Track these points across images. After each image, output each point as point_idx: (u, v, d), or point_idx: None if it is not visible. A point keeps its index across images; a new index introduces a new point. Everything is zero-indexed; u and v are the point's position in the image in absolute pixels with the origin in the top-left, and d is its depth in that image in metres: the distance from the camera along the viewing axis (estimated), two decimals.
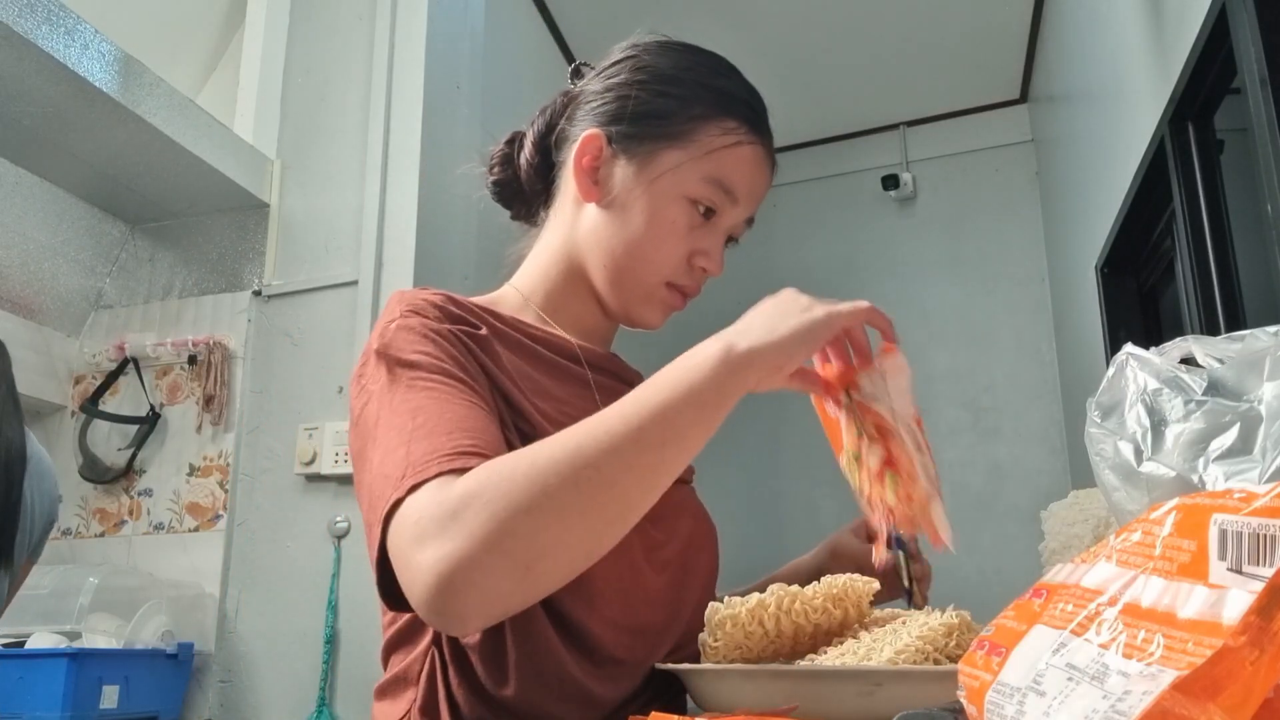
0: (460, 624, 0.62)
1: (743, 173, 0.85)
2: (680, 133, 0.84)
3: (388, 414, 0.70)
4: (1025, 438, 3.60)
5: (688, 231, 0.84)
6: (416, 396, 0.69)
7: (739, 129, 0.85)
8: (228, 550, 2.16)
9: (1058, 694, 0.36)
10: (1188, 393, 0.48)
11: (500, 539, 0.58)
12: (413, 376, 0.71)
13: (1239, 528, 0.35)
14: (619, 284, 0.86)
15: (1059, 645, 0.38)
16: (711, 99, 0.85)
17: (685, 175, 0.83)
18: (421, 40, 2.33)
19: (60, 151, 2.13)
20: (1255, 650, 0.31)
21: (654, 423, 0.62)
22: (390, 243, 2.20)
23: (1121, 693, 0.34)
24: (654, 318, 0.89)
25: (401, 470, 0.64)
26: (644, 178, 0.84)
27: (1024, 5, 3.28)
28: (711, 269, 0.87)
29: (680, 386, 0.64)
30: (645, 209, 0.83)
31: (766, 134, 0.88)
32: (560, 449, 0.61)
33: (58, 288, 2.34)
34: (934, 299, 3.83)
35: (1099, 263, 2.59)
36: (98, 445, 2.31)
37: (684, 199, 0.83)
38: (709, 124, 0.84)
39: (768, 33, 3.35)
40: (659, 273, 0.85)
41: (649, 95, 0.85)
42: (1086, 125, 2.78)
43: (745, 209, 0.87)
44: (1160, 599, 0.36)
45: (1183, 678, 0.32)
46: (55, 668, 1.72)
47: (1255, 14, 1.42)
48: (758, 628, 0.70)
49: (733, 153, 0.84)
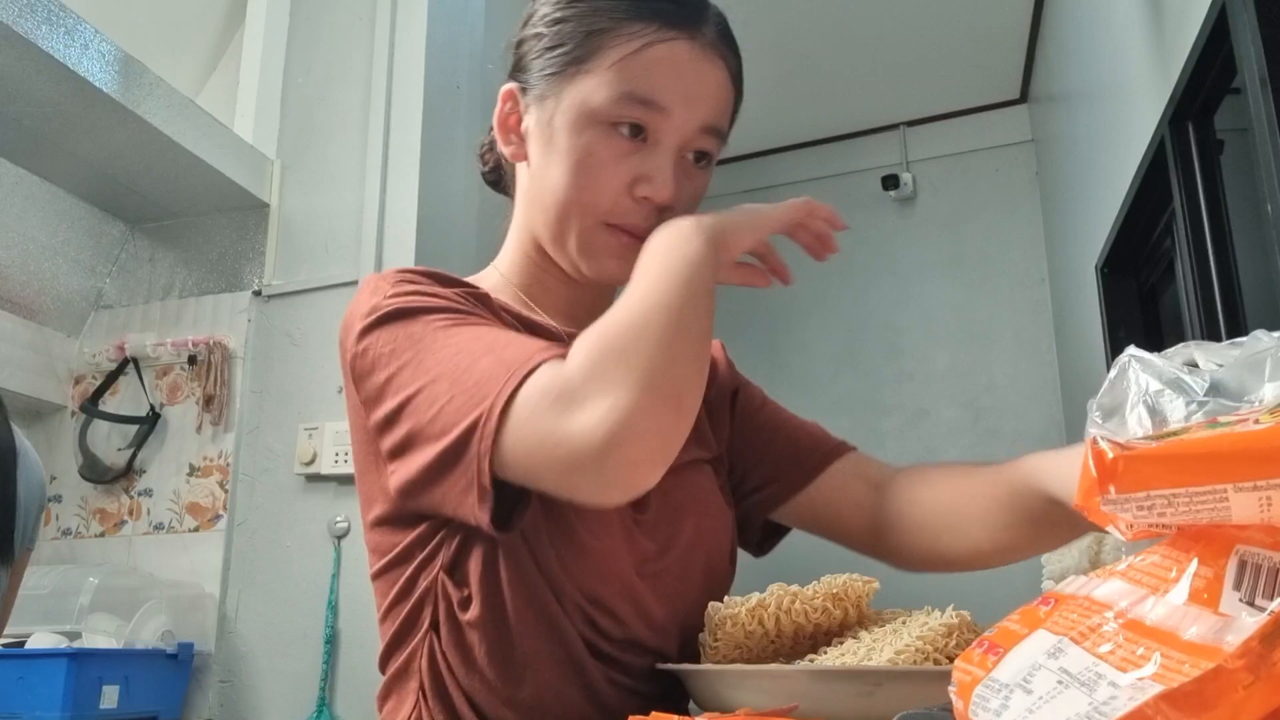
0: (636, 477, 0.61)
1: (661, 76, 0.74)
2: (581, 57, 0.75)
3: (437, 355, 0.67)
4: (1025, 438, 3.59)
5: (615, 160, 0.74)
6: (464, 332, 0.68)
7: (646, 30, 0.74)
8: (228, 550, 2.16)
9: (1044, 694, 0.36)
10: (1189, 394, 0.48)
11: (653, 379, 0.60)
12: (446, 320, 0.69)
13: (1260, 560, 0.34)
14: (559, 238, 0.78)
15: (1055, 649, 0.38)
16: (609, 9, 0.76)
17: (593, 98, 0.74)
18: (421, 40, 2.33)
19: (60, 151, 2.13)
20: (1250, 675, 0.31)
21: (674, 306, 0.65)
22: (390, 243, 2.20)
23: (1107, 699, 0.33)
24: (608, 266, 0.78)
25: (502, 370, 0.63)
26: (555, 116, 0.76)
27: (1024, 5, 3.28)
28: (654, 194, 0.75)
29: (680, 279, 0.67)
30: (560, 147, 0.75)
31: (692, 23, 0.76)
32: (635, 309, 0.65)
33: (58, 288, 2.34)
34: (934, 299, 3.83)
35: (1099, 263, 2.59)
36: (98, 445, 2.31)
37: (598, 124, 0.74)
38: (611, 37, 0.74)
39: (768, 33, 3.35)
40: (592, 213, 0.76)
41: (546, 30, 0.79)
42: (1086, 125, 2.78)
43: (683, 116, 0.75)
44: (1166, 620, 0.35)
45: (1171, 690, 0.32)
46: (55, 668, 1.72)
47: (1255, 14, 1.42)
48: (758, 627, 0.70)
49: (642, 58, 0.74)
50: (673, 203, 0.76)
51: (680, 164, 0.77)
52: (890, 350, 3.84)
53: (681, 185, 0.77)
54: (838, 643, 0.70)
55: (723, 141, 0.80)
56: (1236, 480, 0.34)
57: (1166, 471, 0.37)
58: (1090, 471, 0.39)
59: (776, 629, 0.70)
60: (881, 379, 3.82)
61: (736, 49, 0.81)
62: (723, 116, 0.79)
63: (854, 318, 3.90)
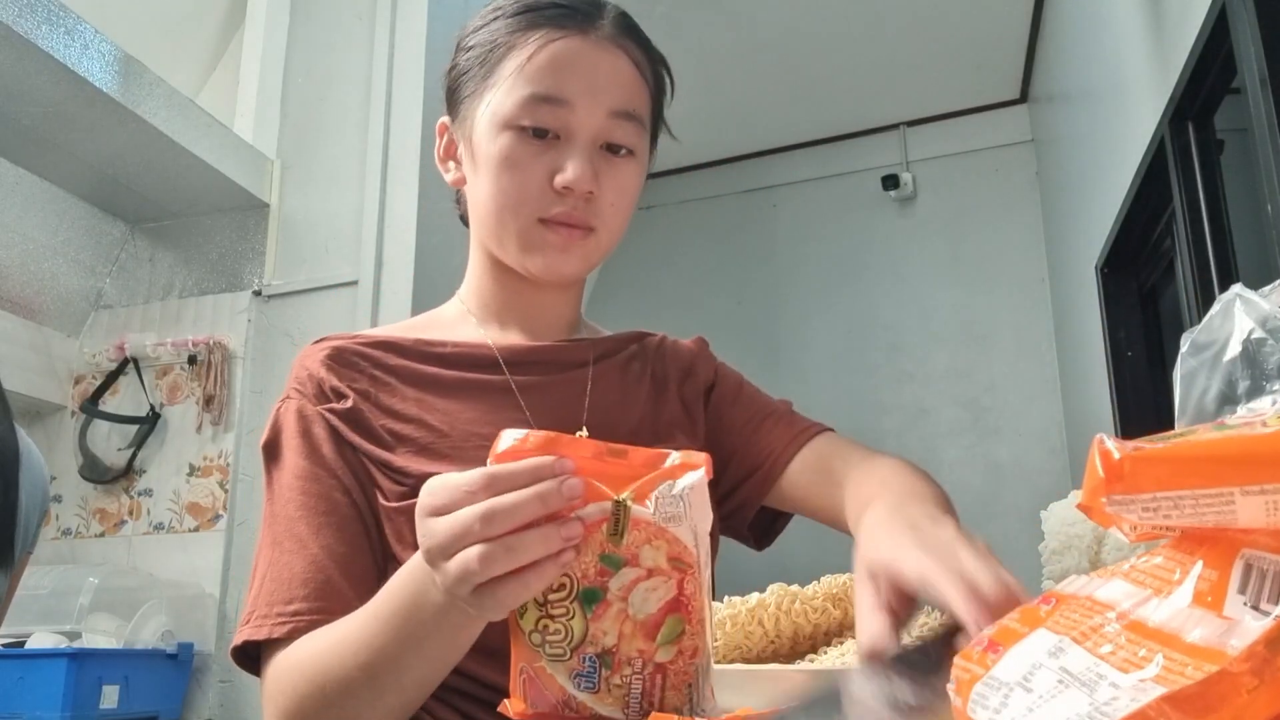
0: None
1: (558, 72, 0.78)
2: (487, 74, 0.81)
3: (264, 523, 0.78)
4: (1025, 438, 3.60)
5: (532, 158, 0.78)
6: (282, 513, 0.76)
7: (539, 36, 0.79)
8: (228, 550, 2.16)
9: (1045, 693, 0.36)
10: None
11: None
12: (281, 484, 0.77)
13: (1266, 564, 0.34)
14: (502, 242, 0.82)
15: (1057, 649, 0.38)
16: (506, 27, 0.81)
17: (502, 107, 0.79)
18: (421, 40, 2.33)
19: (60, 151, 2.13)
20: (1255, 679, 0.31)
21: (392, 673, 0.64)
22: (390, 243, 2.20)
23: (1109, 699, 0.33)
24: (553, 261, 0.80)
25: (249, 611, 0.73)
26: (474, 132, 0.82)
27: (1024, 5, 3.28)
28: (571, 183, 0.77)
29: (413, 640, 0.63)
30: (482, 158, 0.80)
31: (583, 20, 0.80)
32: (328, 676, 0.66)
33: (58, 288, 2.34)
34: (934, 299, 3.83)
35: (1099, 263, 2.59)
36: (98, 445, 2.31)
37: (510, 129, 0.78)
38: (509, 50, 0.80)
39: (768, 33, 3.35)
40: (523, 213, 0.79)
41: (460, 61, 0.85)
42: (1086, 125, 2.78)
43: (588, 108, 0.78)
44: (1169, 621, 0.35)
45: (1174, 691, 0.31)
46: (55, 668, 1.72)
47: (1255, 14, 1.42)
48: (757, 627, 0.70)
49: (537, 60, 0.78)
50: (596, 191, 0.79)
51: (597, 154, 0.80)
52: (890, 350, 3.84)
53: (603, 174, 0.79)
54: (837, 643, 0.70)
55: (644, 130, 0.82)
56: (1244, 484, 0.34)
57: (1173, 473, 0.36)
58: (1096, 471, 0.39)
59: (776, 629, 0.70)
60: (881, 379, 3.82)
61: (643, 41, 0.84)
62: (632, 103, 0.81)
63: (854, 318, 3.90)
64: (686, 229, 4.20)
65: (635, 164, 0.82)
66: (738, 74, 3.53)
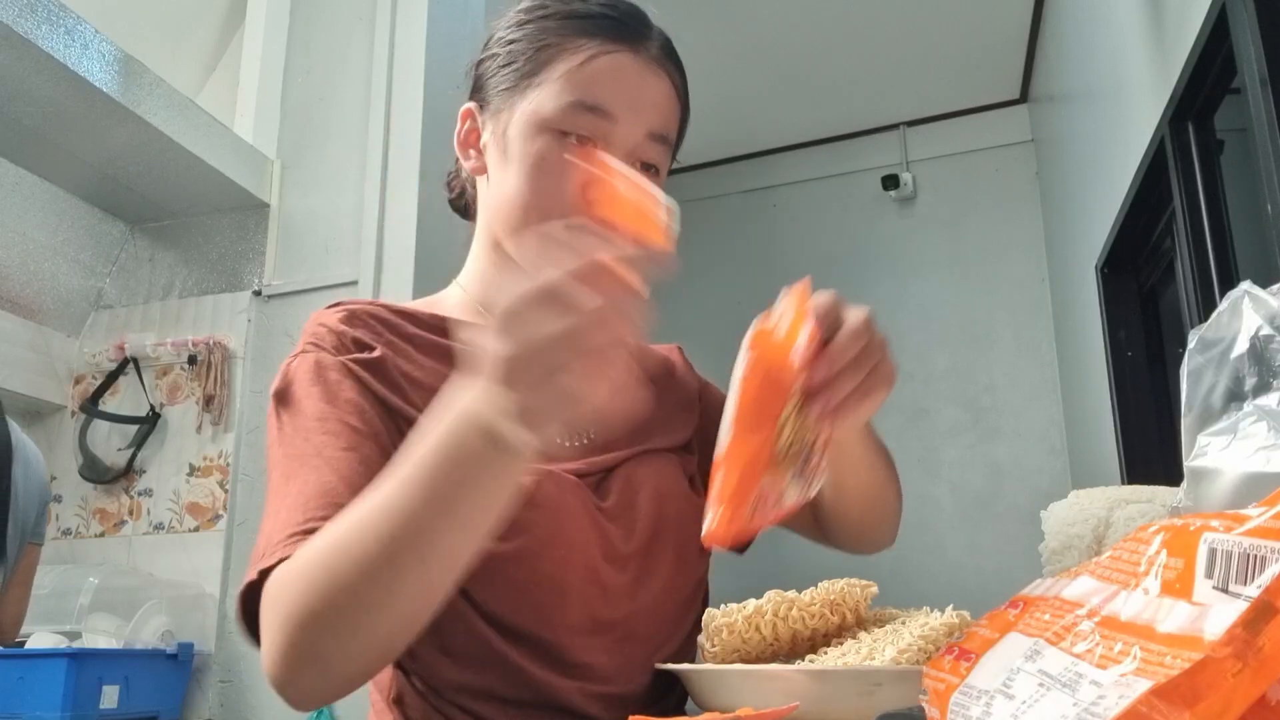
0: (303, 707, 0.66)
1: (607, 85, 0.78)
2: (531, 71, 0.80)
3: (273, 469, 0.73)
4: (1025, 438, 3.60)
5: (567, 165, 0.77)
6: (296, 450, 0.72)
7: (591, 44, 0.79)
8: (228, 550, 2.16)
9: (1027, 699, 0.36)
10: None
11: (307, 642, 0.60)
12: (295, 426, 0.73)
13: (1229, 547, 0.34)
14: None
15: (1033, 652, 0.38)
16: (557, 29, 0.81)
17: (544, 108, 0.78)
18: (421, 40, 2.33)
19: (60, 151, 2.13)
20: (1238, 663, 0.31)
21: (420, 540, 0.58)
22: (390, 243, 2.20)
23: (1094, 699, 0.33)
24: None
25: (261, 550, 0.67)
26: (510, 127, 0.81)
27: (1024, 5, 3.28)
28: None
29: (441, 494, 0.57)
30: (515, 155, 0.79)
31: (635, 38, 0.81)
32: (341, 556, 0.59)
33: (58, 288, 2.34)
34: (934, 299, 3.83)
35: (1099, 263, 2.59)
36: (98, 445, 2.31)
37: (549, 132, 0.78)
38: (560, 52, 0.80)
39: (768, 33, 3.35)
40: (549, 215, 0.76)
41: (500, 51, 0.84)
42: (1086, 125, 2.78)
43: (630, 124, 0.79)
44: (1141, 613, 0.35)
45: (1161, 684, 0.31)
46: (55, 668, 1.71)
47: (1255, 14, 1.42)
48: (755, 634, 0.70)
49: (588, 69, 0.78)
50: None
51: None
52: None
53: None
54: (838, 643, 0.70)
55: (671, 154, 0.84)
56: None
57: None
58: None
59: (774, 635, 0.70)
60: None
61: (681, 67, 0.85)
62: (668, 126, 0.82)
63: None
64: (686, 229, 4.18)
65: (658, 184, 0.83)
66: (738, 74, 3.53)
